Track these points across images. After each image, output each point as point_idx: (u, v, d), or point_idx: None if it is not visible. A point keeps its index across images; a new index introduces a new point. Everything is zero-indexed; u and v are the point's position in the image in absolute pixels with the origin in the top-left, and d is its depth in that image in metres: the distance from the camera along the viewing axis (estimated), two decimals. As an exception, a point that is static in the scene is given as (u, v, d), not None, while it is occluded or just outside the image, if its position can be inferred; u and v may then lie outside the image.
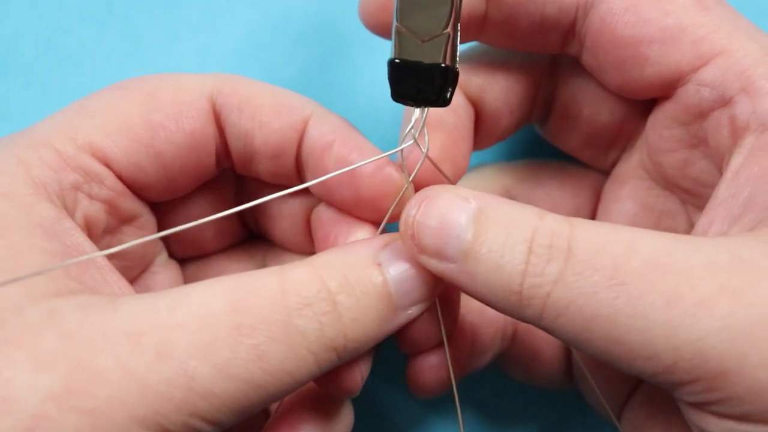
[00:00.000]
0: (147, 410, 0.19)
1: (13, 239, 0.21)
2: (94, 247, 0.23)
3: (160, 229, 0.27)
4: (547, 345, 0.30)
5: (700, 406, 0.20)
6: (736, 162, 0.23)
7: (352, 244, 0.23)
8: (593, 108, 0.28)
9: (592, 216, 0.31)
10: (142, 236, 0.26)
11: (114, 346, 0.19)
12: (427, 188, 0.24)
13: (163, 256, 0.28)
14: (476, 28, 0.26)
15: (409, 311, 0.23)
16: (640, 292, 0.20)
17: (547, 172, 0.32)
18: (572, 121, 0.29)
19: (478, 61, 0.28)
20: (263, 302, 0.21)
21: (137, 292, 0.24)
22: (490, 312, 0.28)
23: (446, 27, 0.23)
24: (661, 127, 0.26)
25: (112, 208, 0.25)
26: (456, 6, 0.23)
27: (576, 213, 0.31)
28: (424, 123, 0.24)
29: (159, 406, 0.19)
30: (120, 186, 0.25)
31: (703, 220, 0.24)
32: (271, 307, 0.20)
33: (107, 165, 0.24)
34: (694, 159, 0.25)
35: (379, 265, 0.22)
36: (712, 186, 0.25)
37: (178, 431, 0.19)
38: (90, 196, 0.24)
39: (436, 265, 0.23)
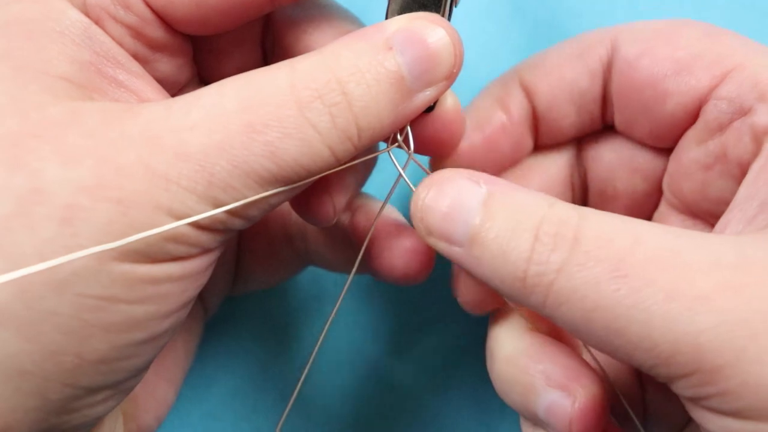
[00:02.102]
0: (173, 202, 0.20)
1: (42, 43, 0.21)
2: (126, 55, 0.23)
3: (195, 58, 0.26)
4: None
5: (697, 401, 0.20)
6: (756, 166, 0.23)
7: (362, 30, 0.23)
8: (628, 180, 0.28)
9: None
10: (177, 64, 0.25)
11: (134, 146, 0.20)
12: (439, 171, 0.24)
13: (195, 81, 0.28)
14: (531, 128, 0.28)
15: (425, 93, 0.23)
16: (641, 285, 0.20)
17: None
18: (610, 198, 0.29)
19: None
20: (273, 98, 0.21)
21: None
22: None
23: None
24: (680, 151, 0.26)
25: (138, 34, 0.24)
26: (447, 13, 0.24)
27: None
28: (408, 125, 0.24)
29: (183, 198, 0.20)
30: (148, 14, 0.24)
31: (721, 221, 0.24)
32: (282, 103, 0.21)
33: None
34: (711, 179, 0.25)
35: (391, 48, 0.22)
36: None
37: (206, 223, 0.20)
38: (115, 19, 0.23)
39: (444, 247, 0.23)
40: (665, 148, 0.27)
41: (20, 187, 0.19)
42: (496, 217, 0.22)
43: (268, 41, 0.27)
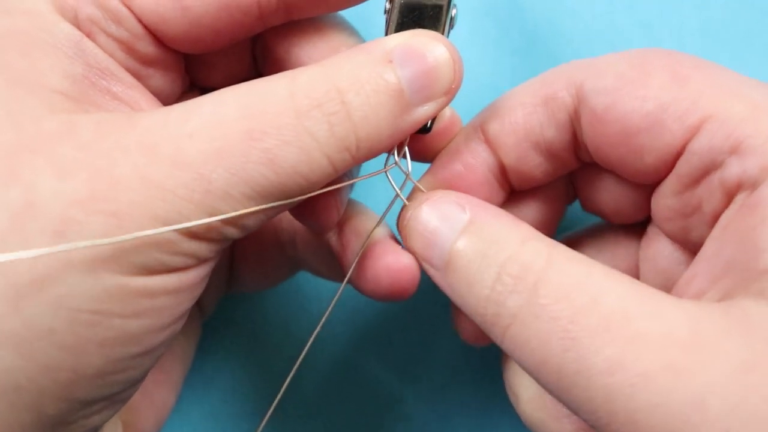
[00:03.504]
0: (169, 212, 0.20)
1: (36, 56, 0.21)
2: (119, 67, 0.23)
3: (188, 71, 0.26)
4: None
5: None
6: (723, 221, 0.23)
7: (362, 45, 0.23)
8: (616, 204, 0.28)
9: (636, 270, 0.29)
10: (169, 79, 0.25)
11: (131, 156, 0.20)
12: (429, 192, 0.24)
13: (189, 91, 0.28)
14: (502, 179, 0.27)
15: (425, 107, 0.23)
16: (587, 352, 0.20)
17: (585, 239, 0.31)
18: (599, 212, 0.29)
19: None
20: (273, 107, 0.21)
21: None
22: None
23: None
24: (659, 197, 0.26)
25: (129, 49, 0.24)
26: (445, 33, 0.24)
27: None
28: (405, 146, 0.25)
29: (180, 208, 0.20)
30: (139, 29, 0.23)
31: (688, 272, 0.23)
32: (281, 111, 0.21)
33: (128, 7, 0.23)
34: (691, 226, 0.25)
35: (391, 62, 0.22)
36: None
37: (202, 232, 0.20)
38: (106, 33, 0.23)
39: (426, 268, 0.23)
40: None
41: (14, 200, 0.19)
42: (469, 245, 0.22)
43: (258, 49, 0.27)
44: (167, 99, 0.26)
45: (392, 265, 0.26)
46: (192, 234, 0.20)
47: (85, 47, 0.22)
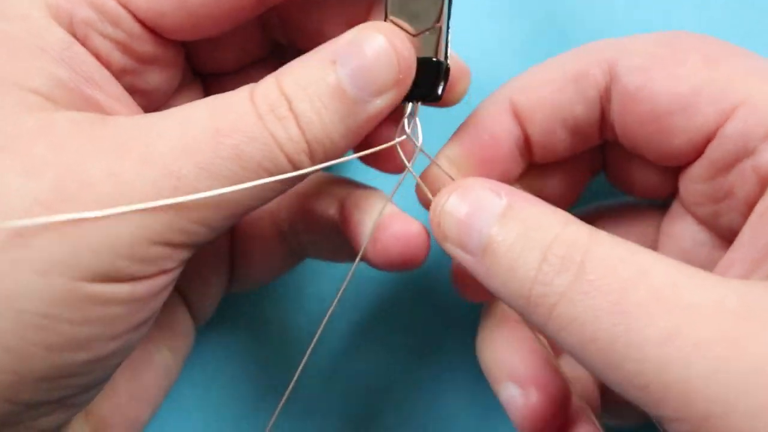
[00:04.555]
0: (135, 211, 0.20)
1: (20, 59, 0.21)
2: (108, 75, 0.24)
3: (192, 59, 0.27)
4: None
5: None
6: (760, 207, 0.23)
7: (323, 45, 0.23)
8: (645, 180, 0.28)
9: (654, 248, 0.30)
10: (167, 75, 0.26)
11: (102, 155, 0.20)
12: (462, 179, 0.24)
13: (189, 85, 0.28)
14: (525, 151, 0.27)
15: (376, 102, 0.23)
16: (639, 324, 0.19)
17: (606, 214, 0.31)
18: (624, 186, 0.29)
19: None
20: (238, 108, 0.21)
21: None
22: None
23: (437, 21, 0.23)
24: (688, 181, 0.26)
25: (126, 49, 0.24)
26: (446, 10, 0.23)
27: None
28: (416, 116, 0.24)
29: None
30: (137, 29, 0.24)
31: (724, 261, 0.24)
32: (246, 111, 0.21)
33: (125, 6, 0.23)
34: (722, 211, 0.25)
35: (335, 62, 0.22)
36: None
37: (163, 235, 0.20)
38: (103, 35, 0.23)
39: (458, 254, 0.23)
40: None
41: None
42: (509, 230, 0.22)
43: (273, 20, 0.27)
44: (164, 95, 0.26)
45: (401, 232, 0.26)
46: (153, 239, 0.20)
47: (74, 53, 0.23)
